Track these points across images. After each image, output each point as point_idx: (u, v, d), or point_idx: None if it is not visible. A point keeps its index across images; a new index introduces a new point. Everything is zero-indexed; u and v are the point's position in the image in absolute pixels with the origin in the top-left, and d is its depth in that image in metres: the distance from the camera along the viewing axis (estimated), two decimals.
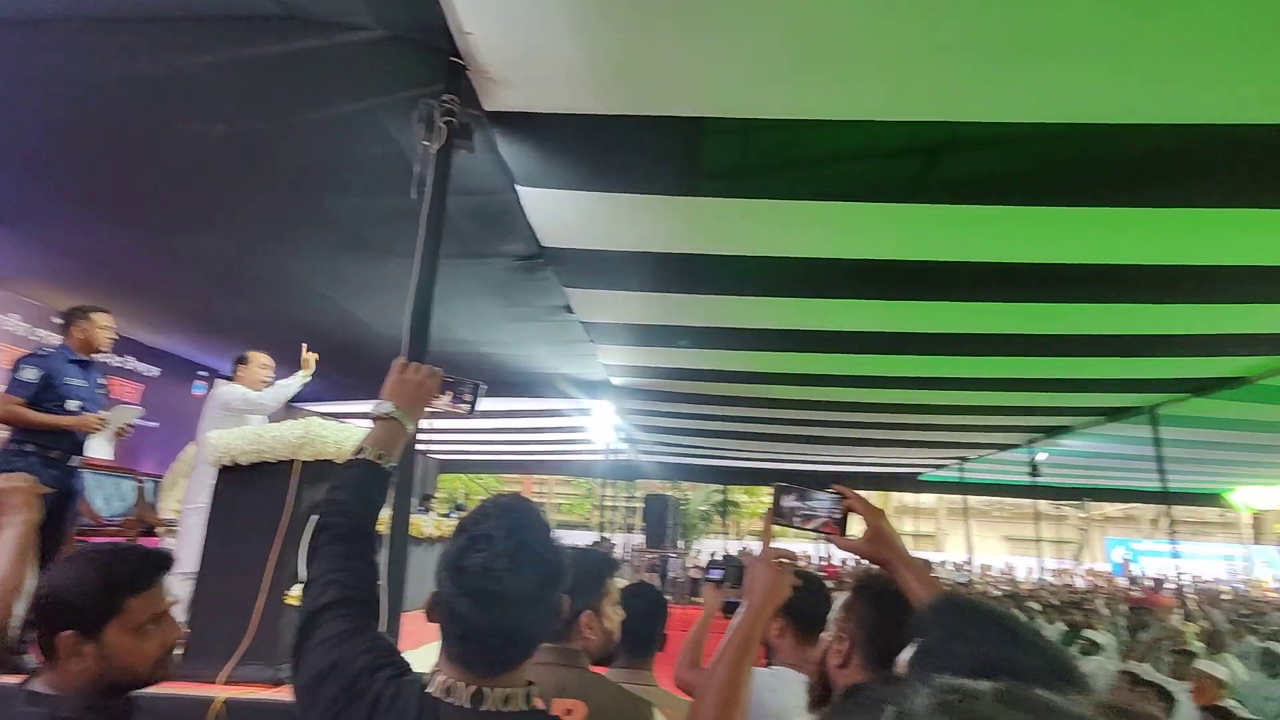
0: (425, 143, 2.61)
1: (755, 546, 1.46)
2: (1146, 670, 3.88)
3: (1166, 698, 3.51)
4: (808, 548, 16.21)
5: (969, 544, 15.24)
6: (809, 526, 1.23)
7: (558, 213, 4.03)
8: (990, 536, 29.39)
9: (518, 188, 3.73)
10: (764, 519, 1.29)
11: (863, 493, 1.23)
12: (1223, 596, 14.23)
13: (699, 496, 22.04)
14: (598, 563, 1.65)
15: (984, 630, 0.84)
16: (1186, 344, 5.43)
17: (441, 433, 11.54)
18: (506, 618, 0.93)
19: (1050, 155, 3.22)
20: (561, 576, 0.98)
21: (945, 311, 5.00)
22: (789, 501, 1.24)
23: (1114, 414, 8.19)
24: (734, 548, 15.79)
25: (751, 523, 24.50)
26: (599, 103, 2.99)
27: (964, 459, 12.47)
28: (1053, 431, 9.68)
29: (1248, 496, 15.02)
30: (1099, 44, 2.44)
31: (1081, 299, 4.63)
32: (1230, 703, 3.94)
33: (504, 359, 7.42)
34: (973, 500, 16.20)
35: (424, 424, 1.35)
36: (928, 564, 5.76)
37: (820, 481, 1.28)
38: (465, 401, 1.33)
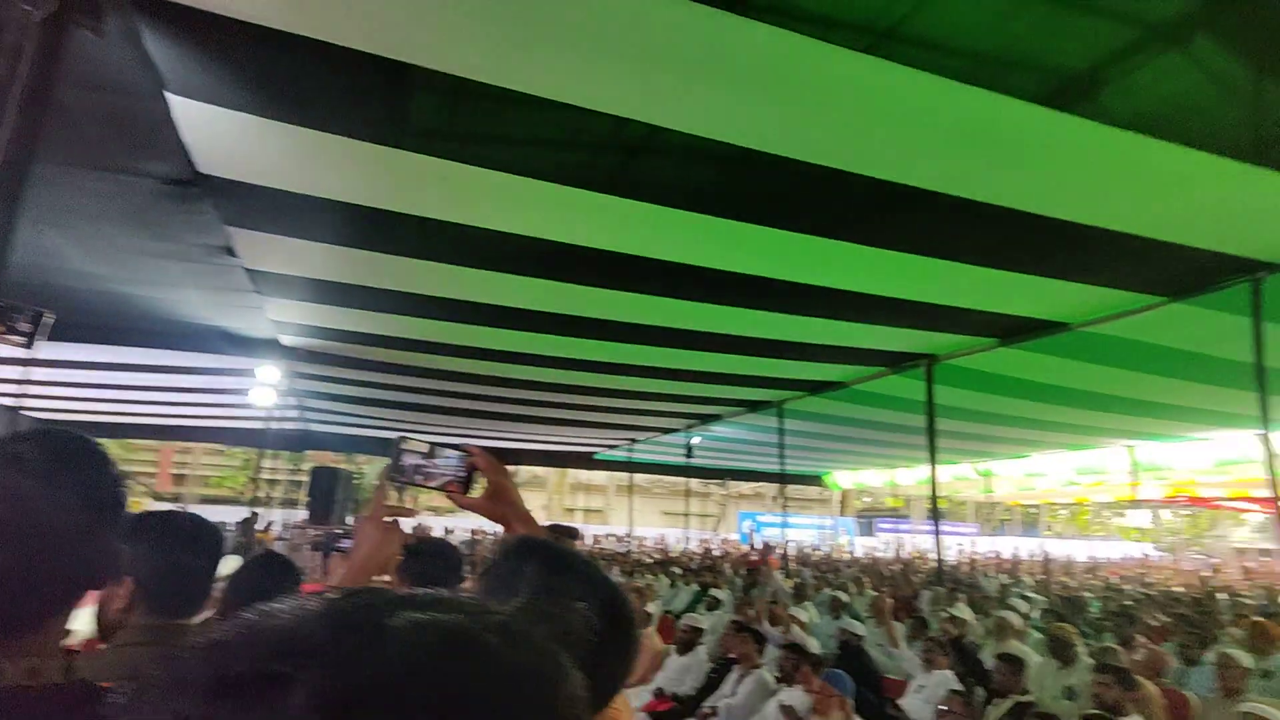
0: (26, 5, 2.02)
1: (432, 523, 1.38)
2: (751, 618, 4.70)
3: (760, 640, 4.28)
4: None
5: (630, 518, 16.89)
6: (431, 485, 1.20)
7: (223, 136, 3.43)
8: (650, 511, 32.78)
9: (169, 95, 3.09)
10: (380, 476, 1.23)
11: (540, 469, 1.23)
12: (812, 558, 17.67)
13: (374, 470, 20.87)
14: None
15: (543, 563, 0.86)
16: (807, 351, 6.64)
17: (39, 384, 9.18)
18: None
19: (725, 172, 3.67)
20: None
21: (618, 301, 5.39)
22: (411, 459, 1.19)
23: (752, 406, 9.70)
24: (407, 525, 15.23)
25: (431, 498, 23.93)
26: (285, 15, 2.60)
27: (633, 440, 13.74)
28: (706, 419, 11.14)
29: (837, 478, 18.99)
30: (763, 78, 2.83)
31: (731, 302, 5.34)
32: (807, 638, 4.95)
33: (141, 302, 6.16)
34: (638, 478, 17.97)
35: None
36: (563, 528, 6.23)
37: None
38: (21, 333, 1.04)
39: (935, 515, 7.29)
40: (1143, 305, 5.02)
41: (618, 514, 32.68)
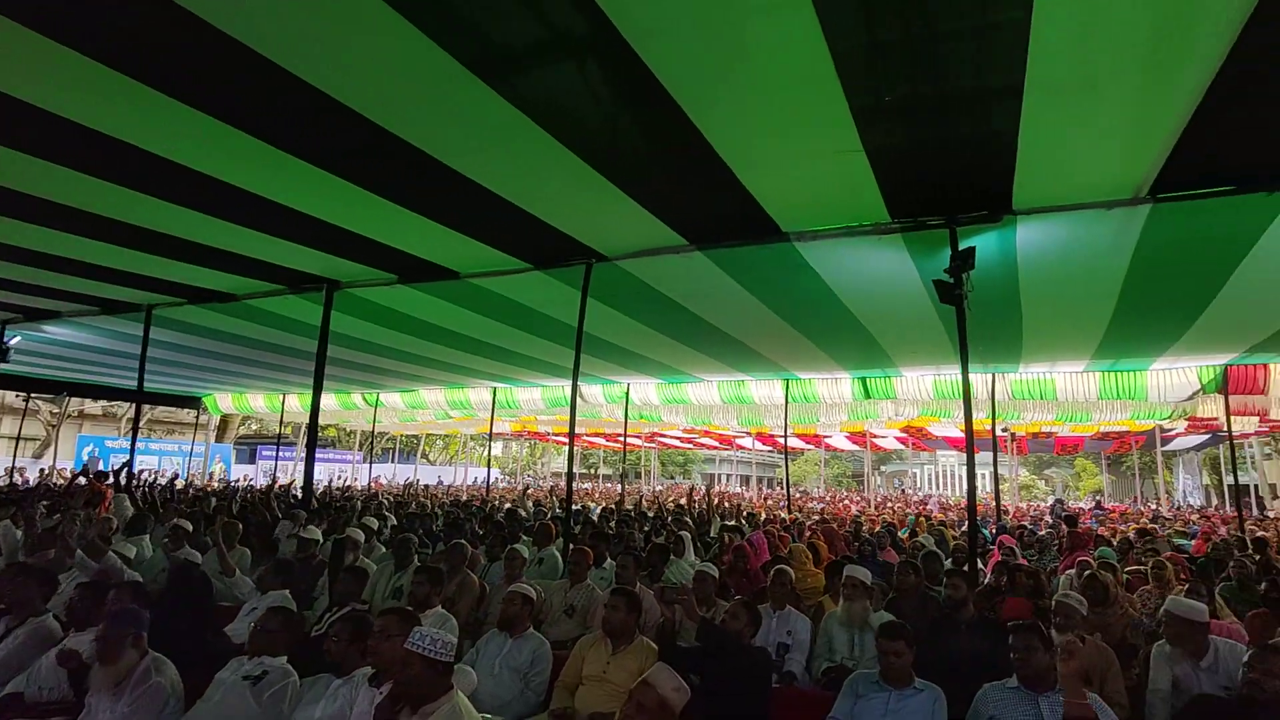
0: None
1: None
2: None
3: (48, 582, 3.51)
4: None
5: None
6: None
7: None
8: None
9: None
10: None
11: None
12: (177, 486, 15.43)
13: None
14: None
15: None
16: (191, 251, 5.72)
17: None
18: None
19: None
20: None
21: None
22: None
23: (108, 306, 7.89)
24: None
25: None
26: None
27: None
28: (33, 314, 8.56)
29: (220, 400, 17.13)
30: None
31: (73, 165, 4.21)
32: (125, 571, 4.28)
33: None
34: None
35: None
36: None
37: None
38: None
39: (312, 441, 7.22)
40: (516, 267, 5.97)
41: None
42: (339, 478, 24.56)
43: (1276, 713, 2.64)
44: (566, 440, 6.76)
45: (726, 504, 14.37)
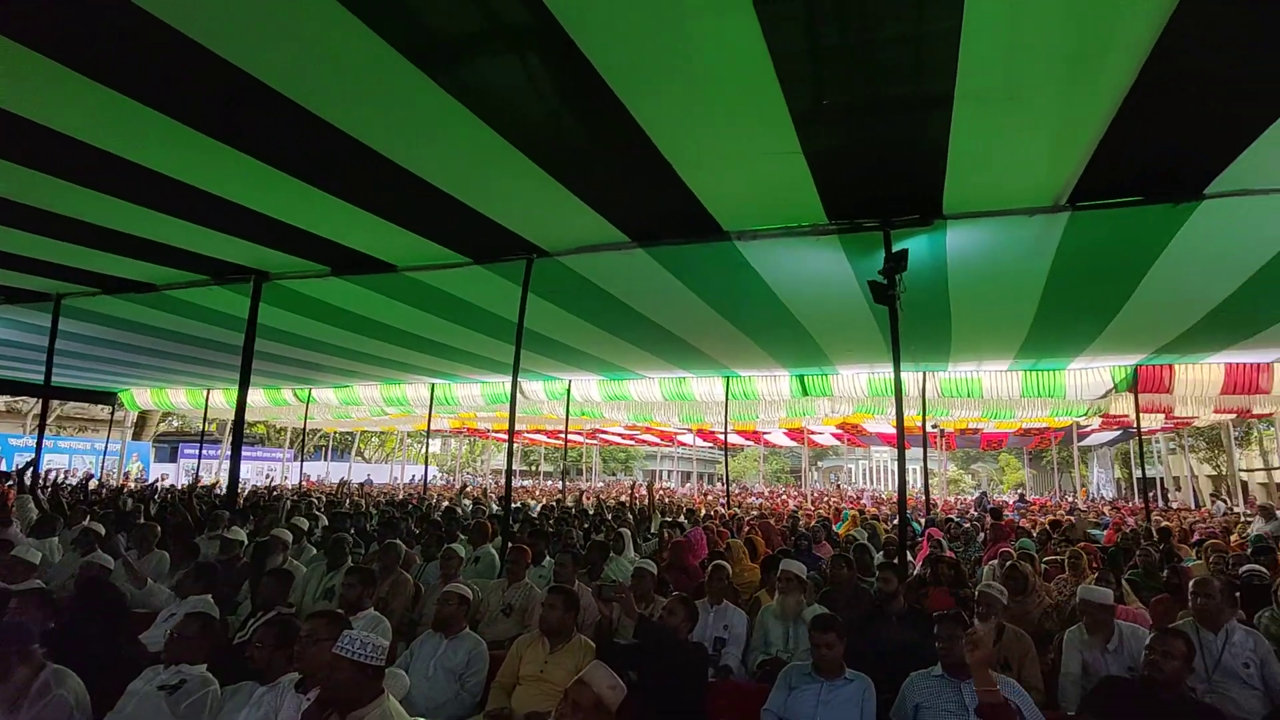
0: None
1: None
2: None
3: None
4: None
5: None
6: None
7: None
8: None
9: None
10: None
11: None
12: (89, 487, 14.62)
13: None
14: None
15: None
16: (107, 238, 5.40)
17: None
18: None
19: None
20: None
21: None
22: None
23: (10, 295, 7.38)
24: None
25: None
26: None
27: None
28: None
29: (139, 396, 16.24)
30: None
31: None
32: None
33: None
34: None
35: None
36: None
37: None
38: None
39: (238, 438, 6.92)
40: (456, 261, 5.85)
41: None
42: (267, 476, 23.64)
43: (1174, 691, 2.82)
44: (507, 437, 6.70)
45: (667, 500, 14.46)
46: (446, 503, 12.85)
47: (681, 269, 5.73)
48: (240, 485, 9.43)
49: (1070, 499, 21.86)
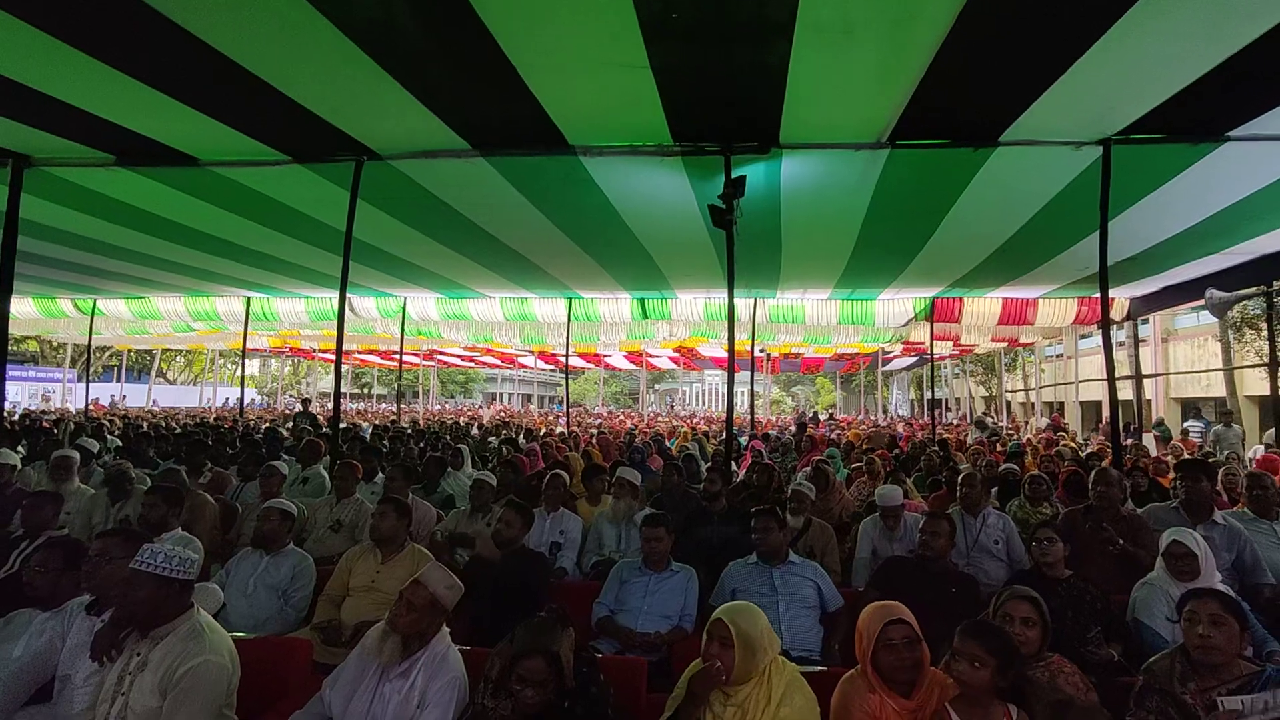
0: None
1: None
2: None
3: None
4: None
5: None
6: None
7: None
8: None
9: None
10: None
11: None
12: None
13: None
14: None
15: None
16: None
17: None
18: None
19: None
20: None
21: None
22: None
23: None
24: None
25: None
26: None
27: None
28: None
29: None
30: None
31: None
32: None
33: None
34: None
35: None
36: None
37: None
38: None
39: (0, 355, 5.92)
40: (272, 159, 5.26)
41: None
42: (44, 399, 20.65)
43: (940, 564, 3.35)
44: (334, 357, 6.25)
45: (509, 420, 14.47)
46: (268, 424, 11.98)
47: (525, 182, 5.58)
48: (9, 408, 8.16)
49: (873, 417, 24.54)
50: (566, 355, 12.96)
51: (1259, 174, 5.13)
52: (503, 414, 24.71)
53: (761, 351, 17.67)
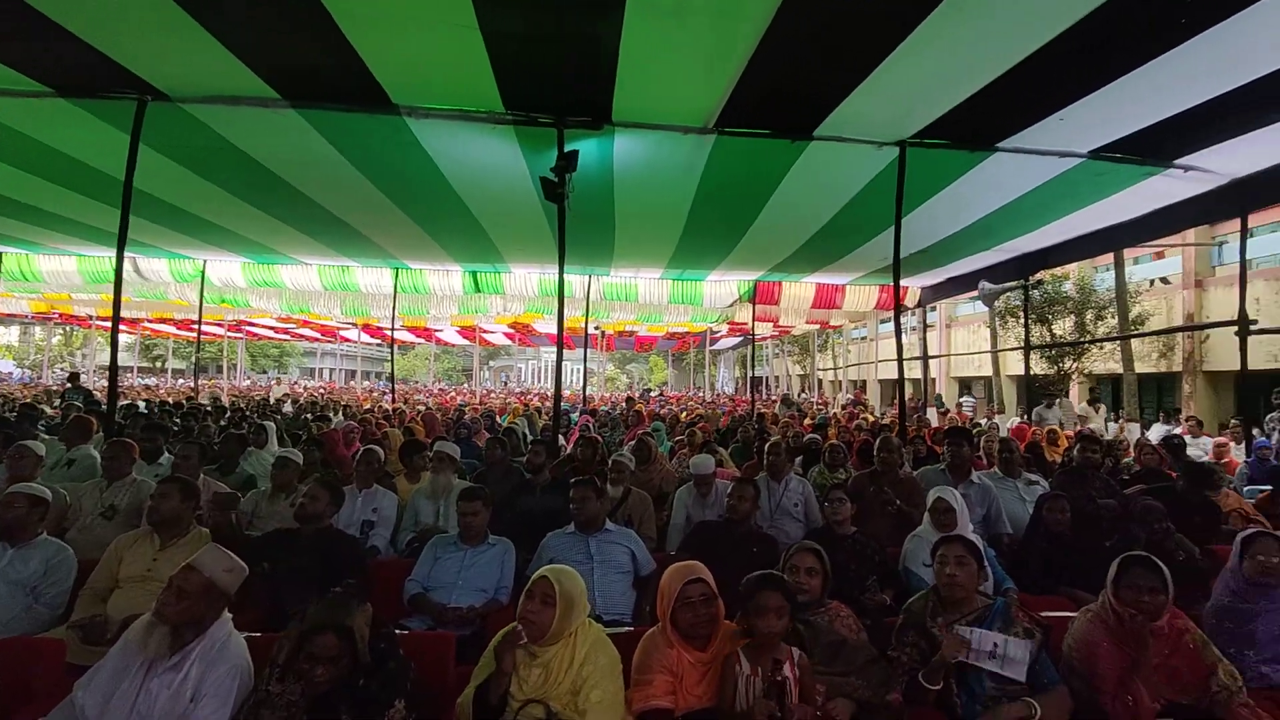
0: None
1: None
2: None
3: None
4: None
5: None
6: None
7: None
8: None
9: None
10: None
11: None
12: None
13: None
14: None
15: None
16: None
17: None
18: None
19: None
20: None
21: None
22: None
23: None
24: None
25: None
26: None
27: None
28: None
29: None
30: None
31: None
32: None
33: None
34: None
35: None
36: None
37: None
38: None
39: None
40: (26, 89, 4.48)
41: None
42: None
43: (745, 526, 3.62)
44: (110, 324, 5.43)
45: (328, 397, 13.54)
46: (25, 401, 10.27)
47: (344, 141, 5.19)
48: None
49: (701, 394, 25.77)
50: (392, 329, 12.32)
51: (1021, 182, 5.95)
52: (321, 391, 23.08)
53: (595, 329, 17.89)
